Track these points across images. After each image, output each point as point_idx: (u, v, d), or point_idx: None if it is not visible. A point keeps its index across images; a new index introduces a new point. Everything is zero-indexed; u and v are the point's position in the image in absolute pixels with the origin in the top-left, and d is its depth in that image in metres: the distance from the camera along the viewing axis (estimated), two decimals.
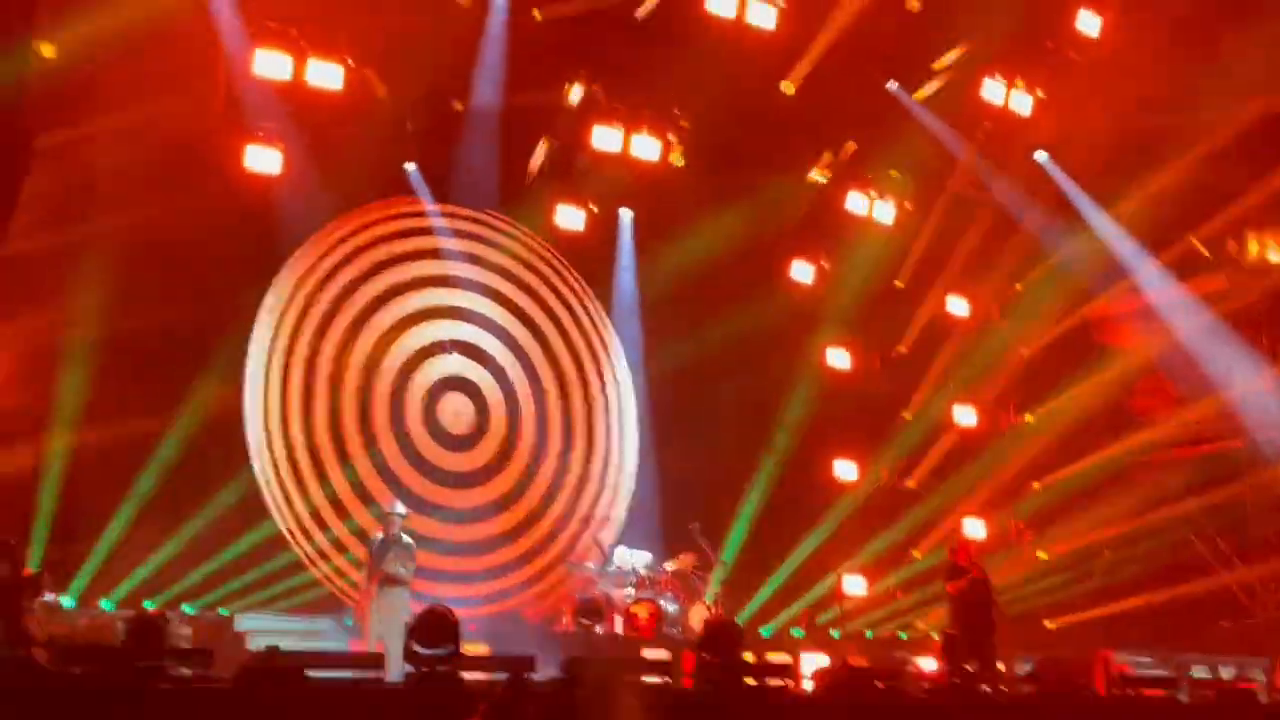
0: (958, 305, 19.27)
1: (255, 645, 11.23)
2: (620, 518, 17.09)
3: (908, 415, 18.91)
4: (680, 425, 17.14)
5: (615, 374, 17.63)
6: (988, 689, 10.86)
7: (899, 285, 18.84)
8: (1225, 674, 15.17)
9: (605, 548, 15.65)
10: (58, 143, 12.83)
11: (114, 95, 13.04)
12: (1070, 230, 18.16)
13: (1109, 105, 16.81)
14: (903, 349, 19.15)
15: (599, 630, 13.80)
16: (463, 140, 15.91)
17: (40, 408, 13.12)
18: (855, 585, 17.43)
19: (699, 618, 14.24)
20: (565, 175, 16.64)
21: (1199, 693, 12.23)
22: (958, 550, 13.79)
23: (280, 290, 15.24)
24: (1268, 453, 17.85)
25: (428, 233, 16.41)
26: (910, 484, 18.93)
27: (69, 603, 12.35)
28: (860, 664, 12.11)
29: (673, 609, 14.34)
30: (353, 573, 14.21)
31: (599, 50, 15.63)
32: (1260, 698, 11.81)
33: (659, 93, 15.92)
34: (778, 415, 17.64)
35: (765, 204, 17.16)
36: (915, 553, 18.12)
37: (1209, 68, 15.54)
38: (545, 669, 8.16)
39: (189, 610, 13.13)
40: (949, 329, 19.24)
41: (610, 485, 17.25)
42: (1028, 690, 11.01)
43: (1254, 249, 18.33)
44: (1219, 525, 18.52)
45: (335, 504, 15.03)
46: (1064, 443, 18.51)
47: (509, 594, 15.93)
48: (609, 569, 14.86)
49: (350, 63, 14.48)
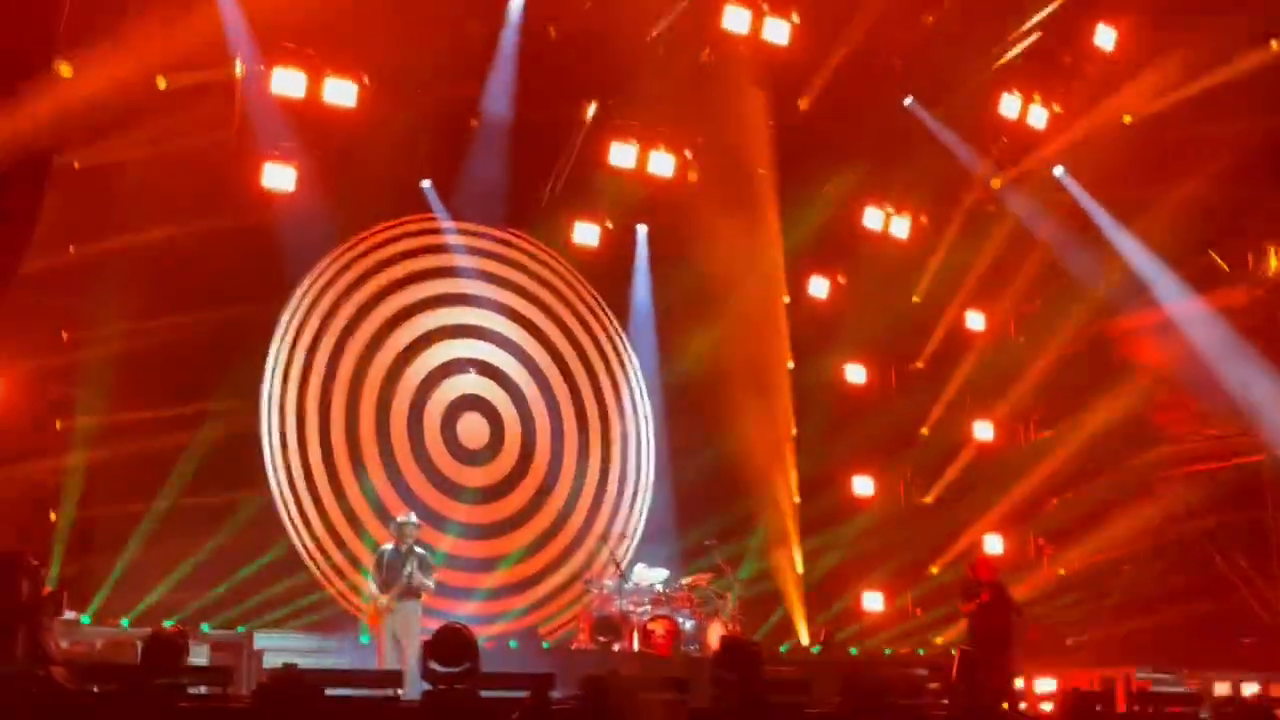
0: (975, 320, 19.26)
1: (272, 663, 11.21)
2: (637, 534, 17.06)
3: (925, 431, 18.85)
4: (696, 441, 17.11)
5: (631, 390, 17.61)
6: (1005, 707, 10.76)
7: (916, 300, 18.82)
8: (1248, 691, 15.03)
9: (622, 564, 15.62)
10: (77, 162, 12.94)
11: (132, 115, 13.10)
12: (1088, 245, 18.10)
13: (1126, 119, 16.77)
14: (920, 364, 19.10)
15: (616, 648, 13.74)
16: (477, 157, 15.94)
17: (59, 425, 13.18)
18: (873, 601, 17.33)
19: (716, 635, 14.18)
20: (581, 192, 16.67)
21: (1221, 711, 12.09)
22: (977, 566, 13.74)
23: (297, 308, 15.29)
24: None
25: (444, 250, 16.45)
26: (928, 500, 18.86)
27: (87, 620, 12.36)
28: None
29: (690, 626, 14.29)
30: (367, 588, 14.18)
31: (614, 67, 15.66)
32: None
33: (673, 108, 15.93)
34: (794, 431, 17.60)
35: (781, 220, 17.17)
36: (933, 569, 18.04)
37: (1226, 80, 15.49)
38: (563, 687, 8.13)
39: (206, 629, 13.13)
40: (966, 344, 19.17)
41: (626, 501, 17.22)
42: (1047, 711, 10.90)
43: (1273, 263, 18.22)
44: (1240, 541, 18.36)
45: (352, 520, 15.03)
46: (1083, 458, 18.41)
47: (525, 611, 15.90)
48: (626, 586, 14.82)
49: (365, 80, 14.56)
